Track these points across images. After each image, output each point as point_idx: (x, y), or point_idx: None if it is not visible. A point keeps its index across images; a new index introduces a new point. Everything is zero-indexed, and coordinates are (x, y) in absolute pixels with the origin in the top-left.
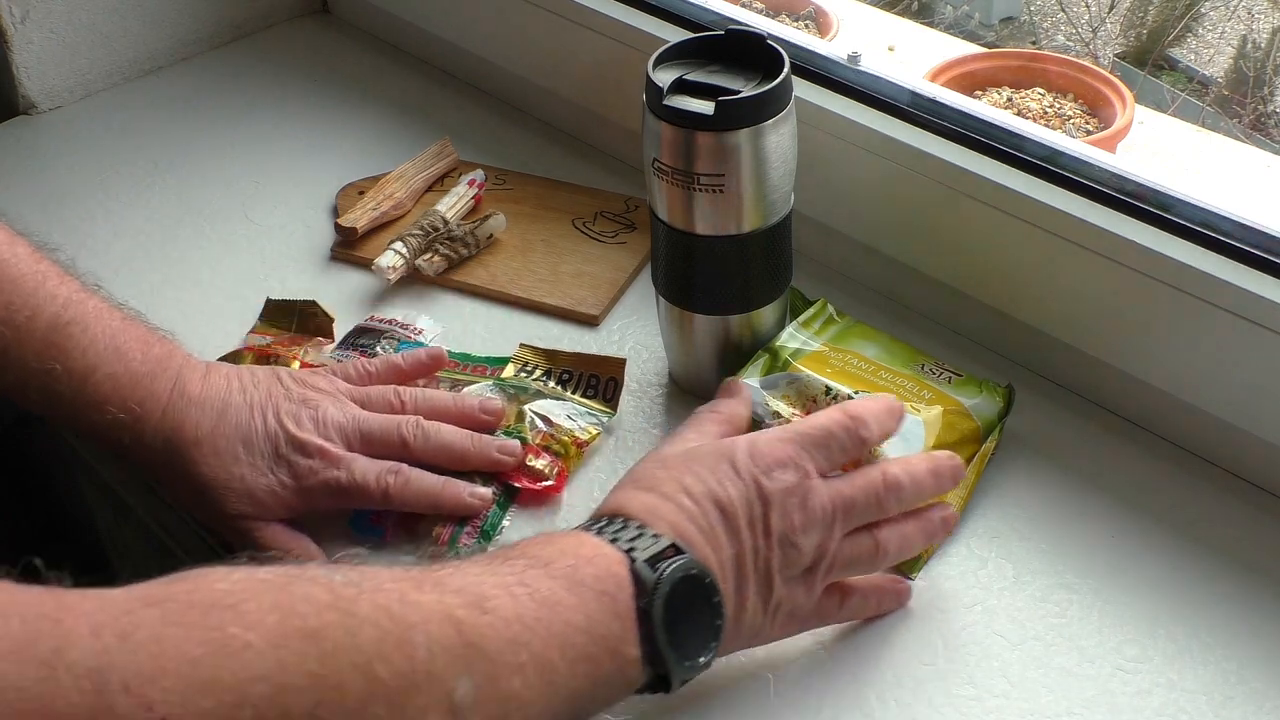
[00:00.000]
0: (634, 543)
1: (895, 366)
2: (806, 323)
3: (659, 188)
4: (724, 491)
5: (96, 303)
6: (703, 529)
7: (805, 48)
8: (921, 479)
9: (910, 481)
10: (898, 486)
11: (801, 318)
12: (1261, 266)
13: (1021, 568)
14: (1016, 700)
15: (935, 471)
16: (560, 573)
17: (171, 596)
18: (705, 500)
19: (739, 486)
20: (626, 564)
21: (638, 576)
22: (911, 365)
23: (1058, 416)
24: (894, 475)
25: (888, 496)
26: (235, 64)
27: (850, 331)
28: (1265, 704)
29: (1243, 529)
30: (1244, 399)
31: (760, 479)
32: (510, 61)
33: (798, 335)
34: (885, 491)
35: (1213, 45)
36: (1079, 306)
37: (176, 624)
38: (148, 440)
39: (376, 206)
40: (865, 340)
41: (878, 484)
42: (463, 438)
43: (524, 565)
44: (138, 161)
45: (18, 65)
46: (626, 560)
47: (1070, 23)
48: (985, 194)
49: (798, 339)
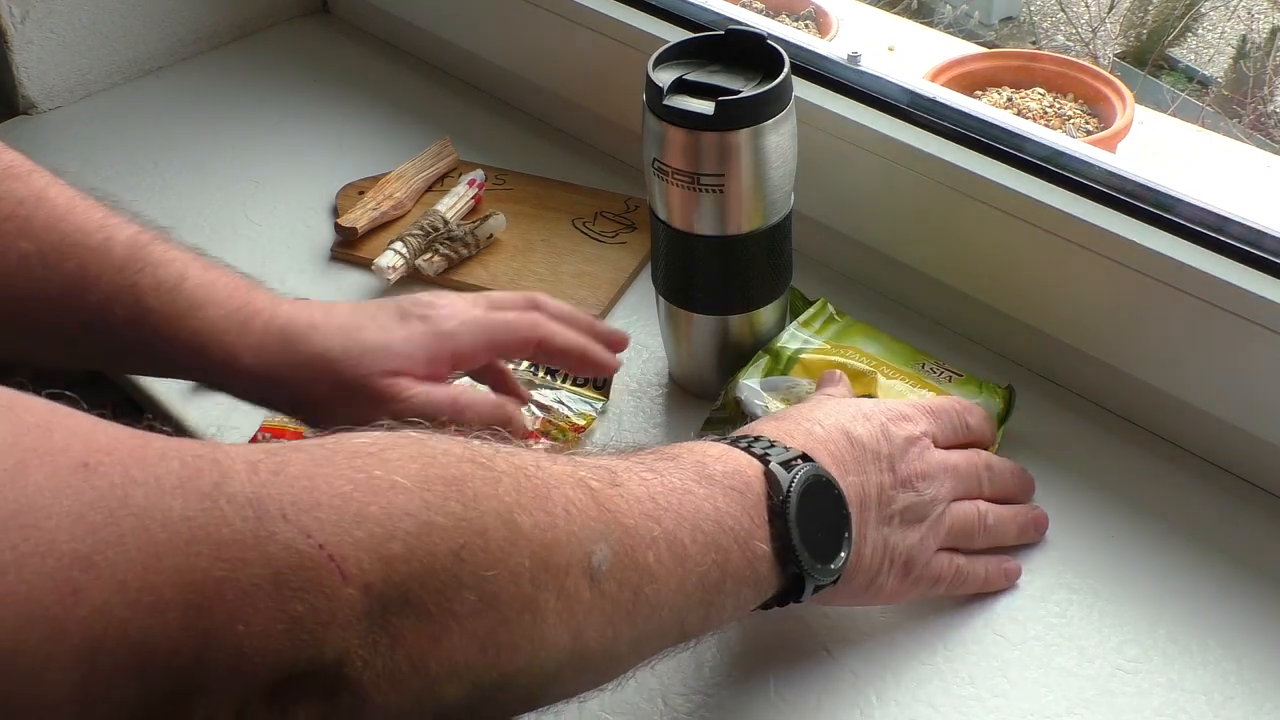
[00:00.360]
0: (767, 451)
1: (897, 364)
2: (807, 322)
3: (659, 188)
4: (855, 428)
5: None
6: (833, 454)
7: (805, 48)
8: (1008, 469)
9: (1001, 466)
10: (992, 467)
11: (802, 317)
12: (1261, 266)
13: (1021, 568)
14: (1016, 700)
15: (1016, 471)
16: (689, 465)
17: (318, 444)
18: (835, 430)
19: (868, 427)
20: (759, 467)
21: (770, 476)
22: (913, 364)
23: (1057, 416)
24: (989, 457)
25: (985, 474)
26: (235, 64)
27: (851, 330)
28: (1265, 704)
29: (1243, 529)
30: (1244, 399)
31: (888, 424)
32: (510, 61)
33: (799, 335)
34: (984, 469)
35: (1213, 45)
36: (1079, 306)
37: (325, 464)
38: (255, 338)
39: (376, 206)
40: (866, 338)
41: (978, 460)
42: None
43: (652, 458)
44: (138, 161)
45: (18, 65)
46: (759, 463)
47: (1070, 23)
48: (985, 194)
49: (799, 338)
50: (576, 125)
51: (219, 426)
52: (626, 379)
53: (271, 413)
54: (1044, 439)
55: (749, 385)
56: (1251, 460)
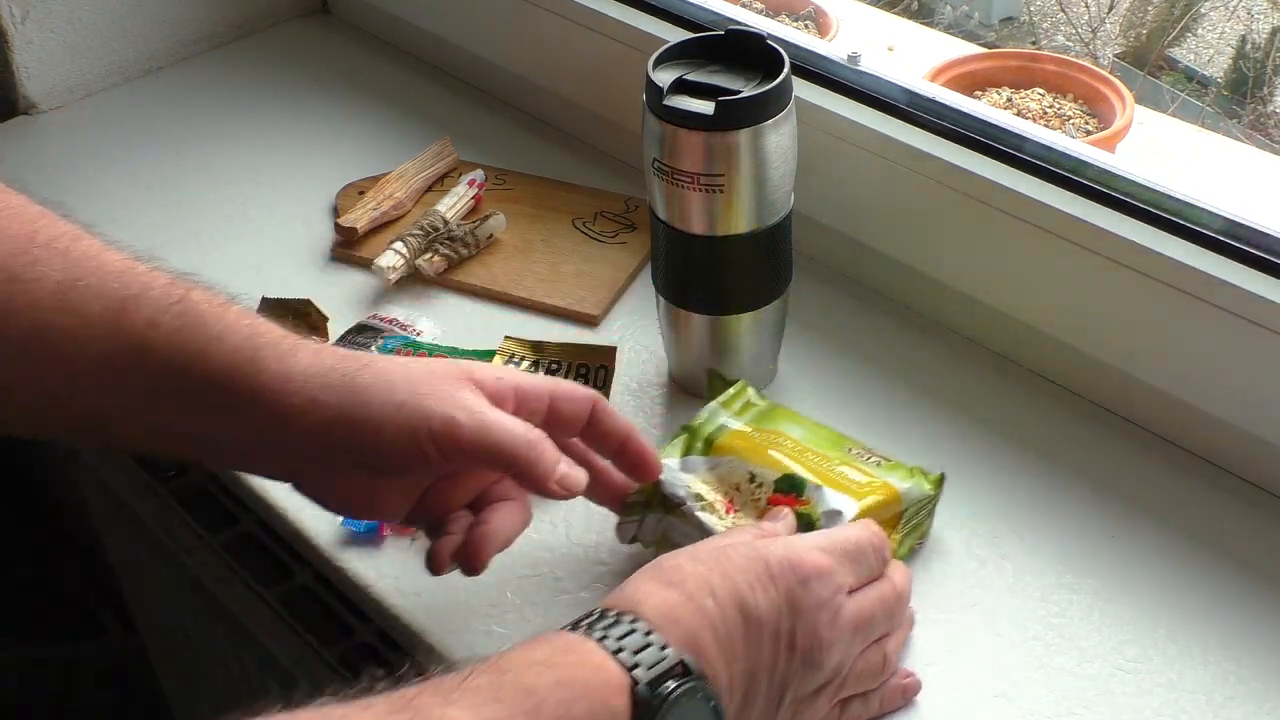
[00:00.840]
0: (640, 655)
1: (822, 450)
2: (726, 403)
3: (659, 188)
4: (752, 597)
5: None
6: (720, 638)
7: (805, 48)
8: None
9: (909, 587)
10: (906, 596)
11: (721, 398)
12: (1261, 266)
13: (1021, 568)
14: (1016, 700)
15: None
16: (550, 715)
17: None
18: (730, 604)
19: (769, 596)
20: (627, 689)
21: (637, 699)
22: (838, 448)
23: (1056, 416)
24: (902, 584)
25: (898, 607)
26: (235, 64)
27: (773, 414)
28: (1265, 704)
29: (1243, 529)
30: (1244, 399)
31: (795, 589)
32: (510, 61)
33: (720, 414)
34: (896, 602)
35: (1213, 45)
36: (1078, 306)
37: None
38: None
39: (376, 206)
40: (789, 422)
41: (891, 595)
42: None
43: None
44: (138, 161)
45: (18, 65)
46: (628, 683)
47: (1070, 23)
48: (985, 194)
49: (720, 417)
50: (576, 125)
51: None
52: (626, 379)
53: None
54: (1043, 439)
55: (669, 465)
56: (1252, 461)
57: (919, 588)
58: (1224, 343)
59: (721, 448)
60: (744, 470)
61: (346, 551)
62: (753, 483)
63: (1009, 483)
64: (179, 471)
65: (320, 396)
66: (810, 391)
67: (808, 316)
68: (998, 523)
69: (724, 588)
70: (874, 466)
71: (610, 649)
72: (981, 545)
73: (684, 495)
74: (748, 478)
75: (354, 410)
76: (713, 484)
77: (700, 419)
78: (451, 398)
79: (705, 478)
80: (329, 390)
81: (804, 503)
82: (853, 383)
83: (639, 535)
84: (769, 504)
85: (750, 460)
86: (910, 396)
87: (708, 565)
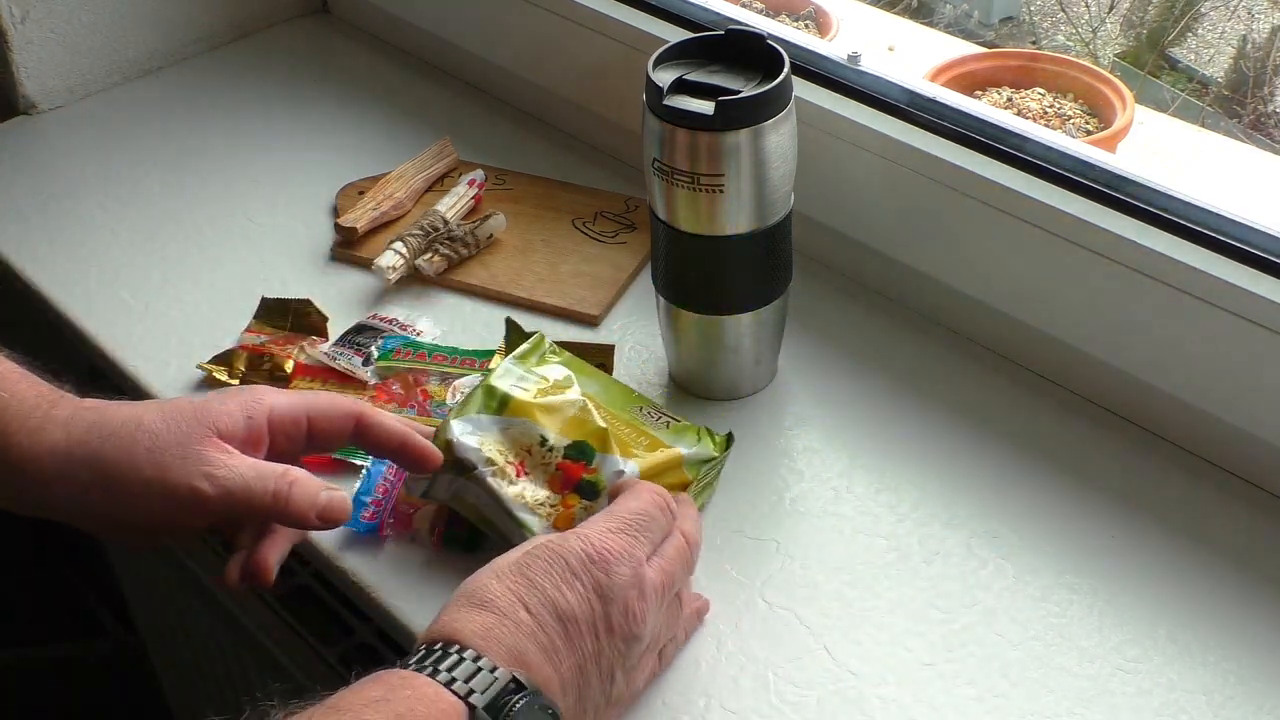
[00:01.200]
0: (472, 682)
1: (614, 409)
2: (523, 357)
3: (659, 188)
4: (562, 598)
5: None
6: (543, 645)
7: (805, 48)
8: (697, 524)
9: (699, 528)
10: (697, 545)
11: (517, 352)
12: (1261, 266)
13: (1021, 568)
14: (1016, 700)
15: (692, 512)
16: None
17: None
18: (543, 611)
19: (576, 591)
20: (466, 715)
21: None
22: (629, 407)
23: (1056, 415)
24: (691, 535)
25: (693, 557)
26: (235, 64)
27: (569, 366)
28: (1265, 704)
29: (1243, 529)
30: (1243, 398)
31: (599, 577)
32: (511, 62)
33: (514, 370)
34: (691, 553)
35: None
36: (1078, 306)
37: None
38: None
39: (376, 206)
40: (586, 376)
41: (685, 550)
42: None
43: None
44: (138, 161)
45: (18, 65)
46: (466, 710)
47: (1070, 23)
48: (985, 194)
49: (514, 374)
50: (576, 125)
51: None
52: (626, 378)
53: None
54: (1043, 438)
55: (459, 425)
56: (1251, 460)
57: (920, 587)
58: (1224, 343)
59: (515, 409)
60: (536, 433)
61: (346, 551)
62: (544, 446)
63: (1009, 483)
64: None
65: (69, 471)
66: (810, 391)
67: (808, 317)
68: (998, 523)
69: (533, 597)
70: (663, 428)
71: (443, 681)
72: (981, 545)
73: (475, 460)
74: (539, 441)
75: (106, 485)
76: (505, 446)
77: (494, 376)
78: (195, 462)
79: (498, 439)
80: (76, 466)
81: (592, 470)
82: (853, 383)
83: (430, 492)
84: (558, 469)
85: (542, 423)
86: (910, 396)
87: (513, 579)
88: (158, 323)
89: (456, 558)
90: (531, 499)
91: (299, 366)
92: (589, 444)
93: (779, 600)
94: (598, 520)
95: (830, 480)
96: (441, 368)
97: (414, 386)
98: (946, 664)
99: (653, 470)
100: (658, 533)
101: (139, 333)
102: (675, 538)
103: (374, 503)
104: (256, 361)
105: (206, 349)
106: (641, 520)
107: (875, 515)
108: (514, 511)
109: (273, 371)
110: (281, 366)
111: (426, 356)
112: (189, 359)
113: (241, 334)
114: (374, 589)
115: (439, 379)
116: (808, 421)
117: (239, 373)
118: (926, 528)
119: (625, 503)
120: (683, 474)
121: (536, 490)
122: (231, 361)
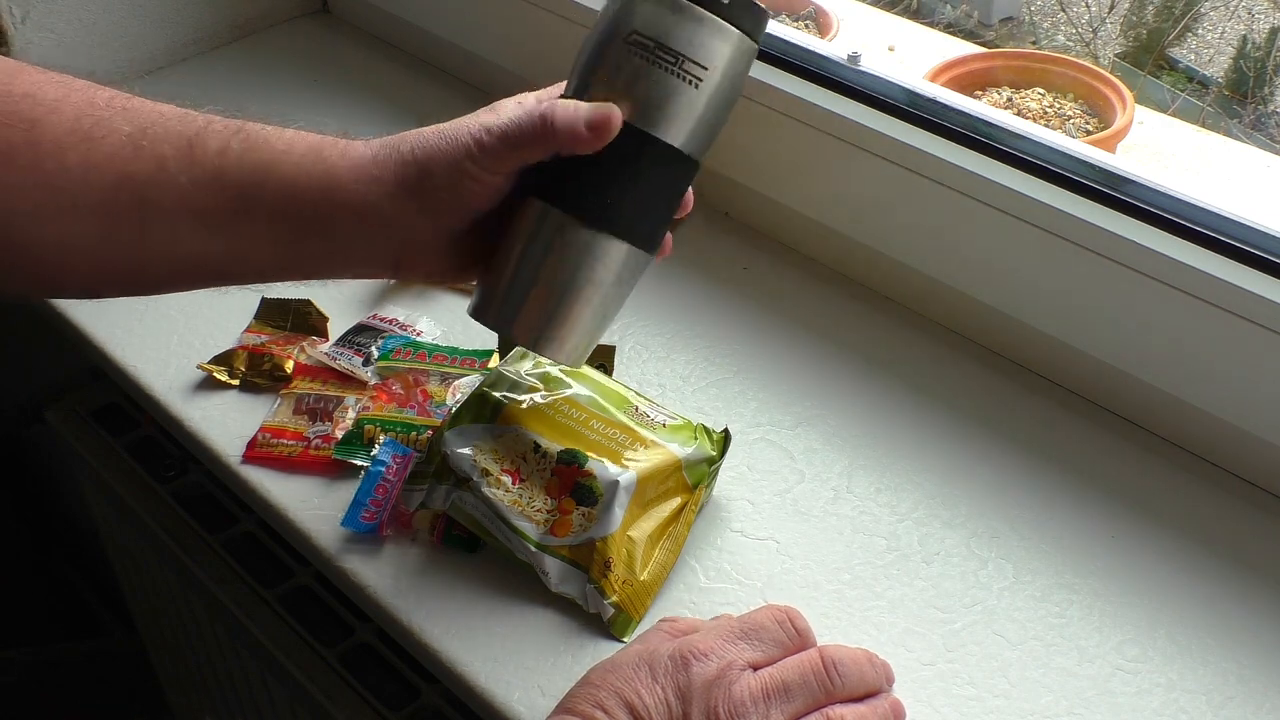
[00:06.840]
0: None
1: (609, 409)
2: (517, 362)
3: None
4: (639, 699)
5: None
6: None
7: (805, 48)
8: (859, 657)
9: (850, 658)
10: (840, 663)
11: (511, 356)
12: (1261, 266)
13: (1021, 568)
14: (1016, 700)
15: (871, 658)
16: None
17: None
18: (617, 709)
19: (654, 692)
20: None
21: None
22: (625, 408)
23: (1056, 416)
24: (830, 652)
25: (829, 673)
26: (235, 64)
27: (563, 369)
28: (1265, 704)
29: (1243, 529)
30: (1244, 399)
31: (679, 676)
32: (511, 62)
33: (507, 376)
34: (825, 668)
35: (1213, 45)
36: (1078, 305)
37: None
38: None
39: None
40: (579, 379)
41: (815, 662)
42: None
43: None
44: None
45: None
46: None
47: (1070, 23)
48: (985, 194)
49: (507, 381)
50: None
51: (220, 426)
52: (626, 379)
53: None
54: (1044, 439)
55: (453, 436)
56: (1252, 460)
57: (920, 587)
58: (1224, 342)
59: (507, 417)
60: (529, 440)
61: (346, 551)
62: (537, 453)
63: (1009, 483)
64: (179, 471)
65: (379, 174)
66: (810, 391)
67: (808, 317)
68: (998, 523)
69: (610, 698)
70: (660, 427)
71: None
72: (981, 545)
73: (469, 471)
74: (532, 448)
75: (407, 168)
76: (499, 454)
77: (488, 383)
78: (474, 121)
79: (492, 447)
80: (384, 166)
81: (587, 473)
82: (853, 383)
83: (426, 502)
84: (554, 475)
85: (535, 430)
86: (910, 396)
87: (598, 684)
88: (158, 323)
89: (456, 558)
90: (528, 506)
91: (299, 366)
92: (580, 451)
93: (779, 600)
94: (709, 625)
95: (830, 480)
96: (441, 368)
97: (414, 387)
98: (946, 664)
99: (651, 477)
100: (770, 643)
101: (139, 333)
102: (806, 652)
103: (374, 503)
104: (257, 361)
105: (206, 349)
106: (747, 627)
107: (875, 515)
108: (511, 519)
109: (273, 371)
110: (281, 367)
111: (426, 357)
112: (189, 359)
113: (241, 334)
114: (374, 589)
115: (439, 379)
116: (808, 421)
117: (239, 373)
118: (926, 528)
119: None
120: (682, 478)
121: (533, 497)
122: (231, 361)
